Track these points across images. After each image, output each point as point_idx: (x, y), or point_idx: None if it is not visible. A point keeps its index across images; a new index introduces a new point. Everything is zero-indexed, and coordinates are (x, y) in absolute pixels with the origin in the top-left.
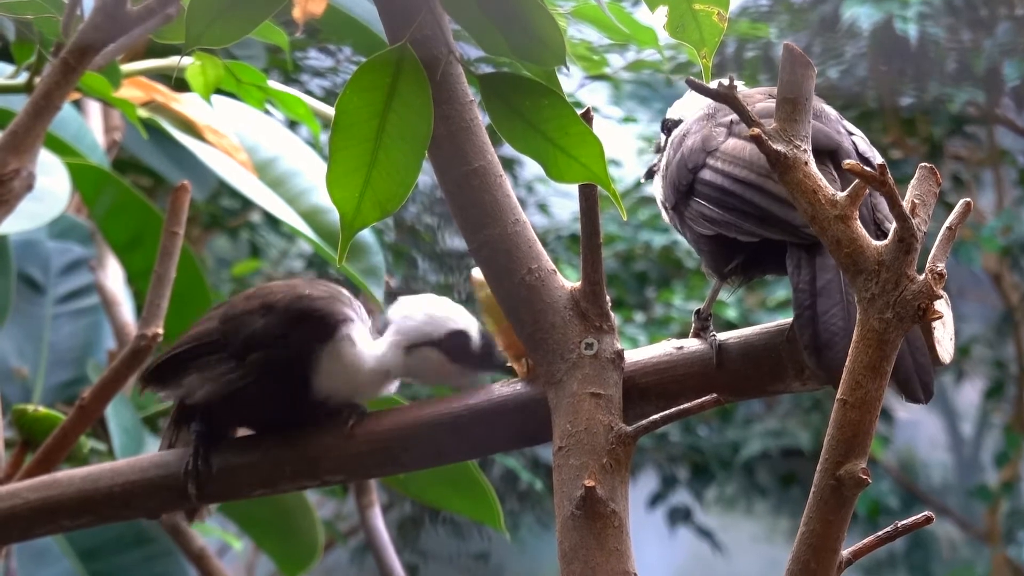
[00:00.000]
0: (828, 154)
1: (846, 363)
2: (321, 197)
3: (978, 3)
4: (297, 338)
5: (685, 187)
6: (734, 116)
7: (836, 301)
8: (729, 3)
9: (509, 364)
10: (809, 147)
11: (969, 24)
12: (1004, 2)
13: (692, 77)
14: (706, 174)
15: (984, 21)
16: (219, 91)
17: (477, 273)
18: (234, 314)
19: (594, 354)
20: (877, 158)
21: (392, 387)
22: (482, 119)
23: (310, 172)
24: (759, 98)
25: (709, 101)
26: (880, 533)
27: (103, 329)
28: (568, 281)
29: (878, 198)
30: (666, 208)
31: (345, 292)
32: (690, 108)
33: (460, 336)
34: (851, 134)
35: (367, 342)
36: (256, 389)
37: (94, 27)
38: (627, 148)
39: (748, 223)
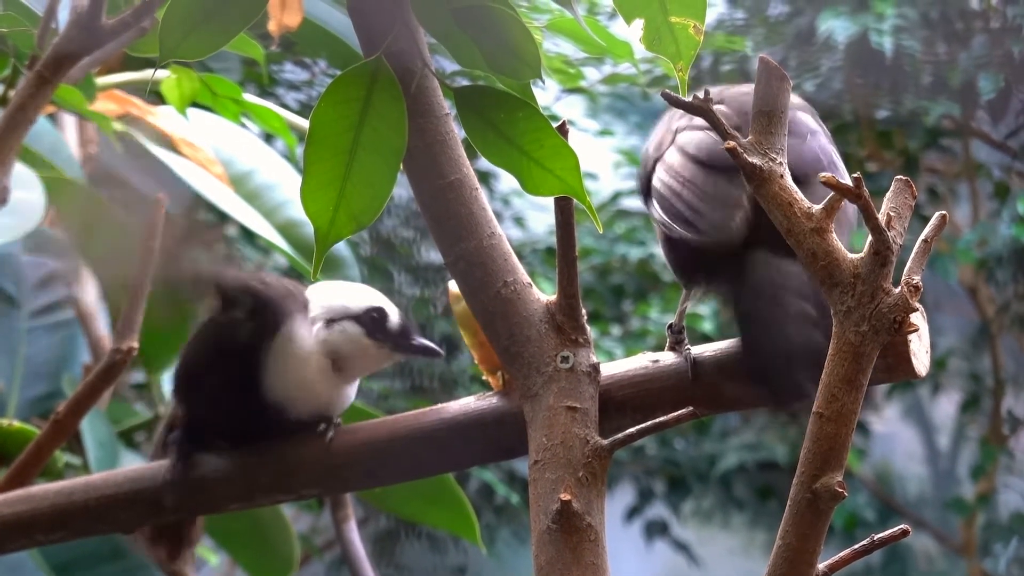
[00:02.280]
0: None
1: (822, 377)
2: (297, 210)
3: (953, 16)
4: (245, 327)
5: (645, 190)
6: (680, 123)
7: (765, 322)
8: (705, 16)
9: (485, 378)
10: (785, 160)
11: (944, 37)
12: (979, 16)
13: (668, 90)
14: (655, 180)
15: (959, 34)
16: (195, 104)
17: (454, 286)
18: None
19: (570, 367)
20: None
21: (351, 390)
22: (458, 133)
23: (286, 185)
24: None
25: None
26: (856, 546)
27: (78, 343)
28: (544, 294)
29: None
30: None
31: (296, 287)
32: None
33: (377, 312)
34: (814, 133)
35: (307, 339)
36: (214, 380)
37: (69, 40)
38: (603, 161)
39: (677, 225)
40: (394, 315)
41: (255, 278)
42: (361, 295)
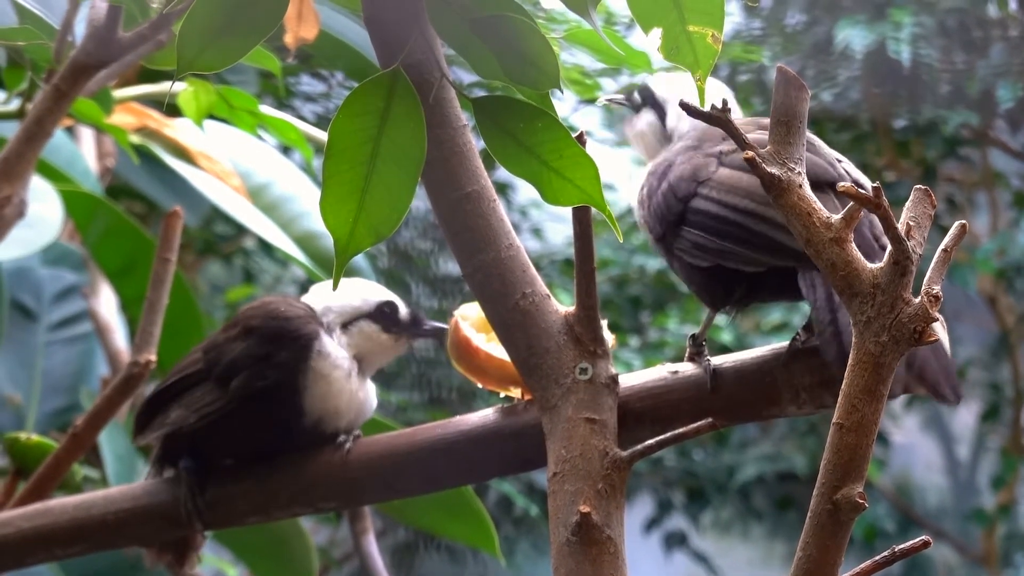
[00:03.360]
0: (829, 185)
1: (842, 387)
2: (315, 222)
3: (971, 25)
4: (275, 359)
5: (675, 217)
6: (723, 146)
7: None
8: (723, 25)
9: (505, 395)
10: (803, 169)
11: (962, 46)
12: (998, 24)
13: (685, 100)
14: (700, 203)
15: (977, 43)
16: (211, 116)
17: (462, 310)
18: (216, 343)
19: (589, 379)
20: (866, 183)
21: (372, 393)
22: (476, 144)
23: (303, 197)
24: (750, 128)
25: (693, 127)
26: (878, 558)
27: (96, 356)
28: (562, 306)
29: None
30: (651, 240)
31: (299, 302)
32: (674, 93)
33: (389, 306)
34: (839, 161)
35: (337, 350)
36: (243, 416)
37: (86, 53)
38: (621, 172)
39: (754, 252)
40: (401, 304)
41: (272, 309)
42: (365, 291)
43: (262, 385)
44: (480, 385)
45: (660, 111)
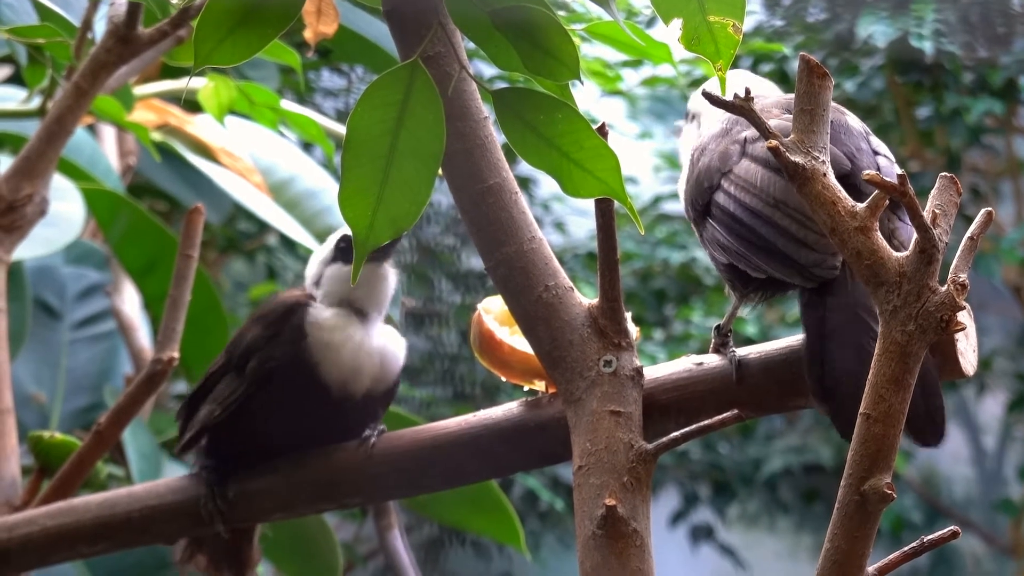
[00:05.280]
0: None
1: (868, 377)
2: (336, 218)
3: (995, 20)
4: (278, 339)
5: (702, 206)
6: (748, 133)
7: (847, 344)
8: (744, 15)
9: (528, 388)
10: (828, 158)
11: (985, 39)
12: (1022, 19)
13: (707, 90)
14: (720, 197)
15: (1001, 37)
16: (232, 112)
17: (485, 303)
18: (234, 339)
19: (613, 371)
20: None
21: (392, 352)
22: (497, 138)
23: (325, 193)
24: (776, 112)
25: (725, 114)
26: (906, 549)
27: (120, 354)
28: (586, 298)
29: (895, 223)
30: (688, 218)
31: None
32: (707, 109)
33: (344, 240)
34: (876, 153)
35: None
36: (266, 401)
37: (106, 50)
38: (644, 165)
39: (757, 257)
40: None
41: (274, 298)
42: (326, 244)
43: (273, 365)
44: (504, 379)
45: (698, 124)
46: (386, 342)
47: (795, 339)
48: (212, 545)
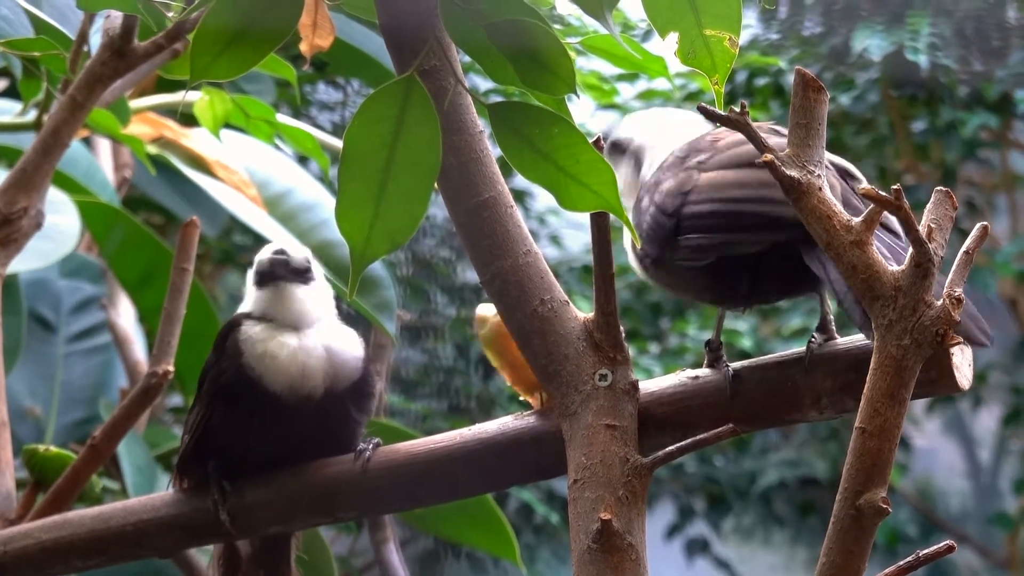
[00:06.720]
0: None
1: (864, 391)
2: (332, 231)
3: (990, 34)
4: (223, 359)
5: (668, 233)
6: (700, 156)
7: None
8: (740, 28)
9: (523, 397)
10: (823, 172)
11: (981, 51)
12: (1017, 33)
13: (704, 104)
14: (691, 209)
15: (996, 51)
16: (228, 126)
17: (482, 309)
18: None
19: (608, 385)
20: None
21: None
22: (492, 151)
23: (320, 207)
24: (766, 129)
25: (678, 143)
26: (902, 563)
27: (115, 368)
28: (581, 312)
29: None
30: (644, 267)
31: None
32: (644, 130)
33: (259, 264)
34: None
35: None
36: (224, 417)
37: (101, 63)
38: None
39: (754, 233)
40: (267, 251)
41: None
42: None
43: (223, 382)
44: (508, 382)
45: (637, 159)
46: (331, 340)
47: (790, 352)
48: (248, 568)
